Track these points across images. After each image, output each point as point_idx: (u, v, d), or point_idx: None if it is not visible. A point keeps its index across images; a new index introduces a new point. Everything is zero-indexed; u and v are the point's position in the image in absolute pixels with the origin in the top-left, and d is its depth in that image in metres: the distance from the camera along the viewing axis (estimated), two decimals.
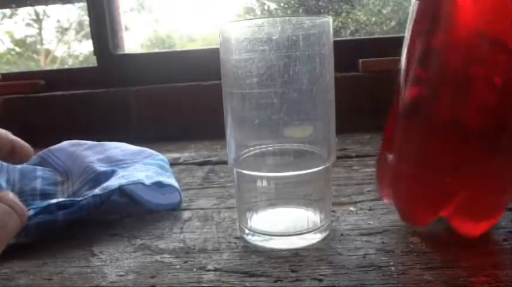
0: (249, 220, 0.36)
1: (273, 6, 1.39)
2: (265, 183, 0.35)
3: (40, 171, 0.49)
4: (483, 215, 0.32)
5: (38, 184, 0.47)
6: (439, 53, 0.31)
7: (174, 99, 0.81)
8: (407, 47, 0.34)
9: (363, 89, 0.76)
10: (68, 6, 1.26)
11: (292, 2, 1.27)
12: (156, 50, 1.08)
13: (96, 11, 0.87)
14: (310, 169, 0.34)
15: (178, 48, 1.12)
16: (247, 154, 0.35)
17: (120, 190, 0.43)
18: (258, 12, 1.41)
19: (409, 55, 0.34)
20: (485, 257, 0.31)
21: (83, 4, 0.89)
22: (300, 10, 1.24)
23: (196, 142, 0.74)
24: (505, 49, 0.30)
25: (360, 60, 0.79)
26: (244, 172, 0.35)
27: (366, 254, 0.33)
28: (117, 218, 0.43)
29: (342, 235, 0.36)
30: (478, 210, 0.32)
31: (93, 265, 0.34)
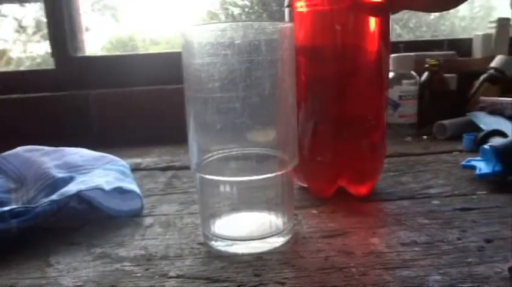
0: (212, 225, 0.36)
1: (236, 11, 1.40)
2: (228, 188, 0.35)
3: None
4: (366, 180, 0.45)
5: None
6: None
7: (136, 103, 0.80)
8: None
9: None
10: (26, 5, 1.21)
11: (256, 7, 1.28)
12: (118, 53, 1.06)
13: (54, 11, 0.84)
14: (272, 173, 0.34)
15: (139, 51, 1.10)
16: (210, 159, 0.34)
17: (79, 196, 0.41)
18: (222, 17, 1.41)
19: None
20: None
21: (42, 4, 0.85)
22: (264, 15, 1.25)
23: (158, 147, 0.73)
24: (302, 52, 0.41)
25: None
26: (207, 176, 0.35)
27: (327, 256, 0.33)
28: (76, 226, 0.41)
29: (304, 237, 0.37)
30: (361, 178, 0.45)
31: (49, 275, 0.33)
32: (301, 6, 0.41)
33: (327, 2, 0.40)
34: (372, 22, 0.41)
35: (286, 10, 0.44)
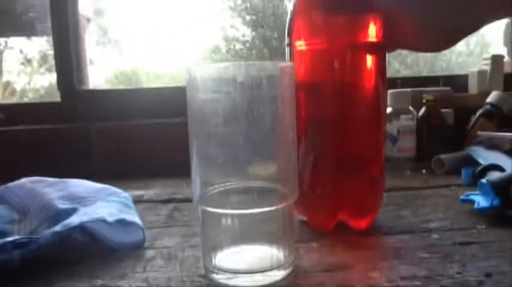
0: (213, 258, 0.36)
1: (238, 46, 1.43)
2: (229, 220, 0.35)
3: None
4: (366, 214, 0.46)
5: None
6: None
7: (139, 136, 0.81)
8: None
9: None
10: (33, 38, 1.24)
11: (257, 43, 1.32)
12: (122, 87, 1.08)
13: (62, 45, 0.87)
14: (273, 206, 0.35)
15: (143, 86, 1.13)
16: (212, 192, 0.35)
17: (82, 228, 0.42)
18: (224, 51, 1.45)
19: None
20: None
21: (48, 37, 0.88)
22: (265, 51, 1.29)
23: (160, 179, 0.74)
24: (302, 88, 0.42)
25: None
26: (209, 209, 0.35)
27: None
28: (77, 258, 0.42)
29: (305, 271, 0.37)
30: (361, 211, 0.46)
31: None
32: (300, 45, 0.43)
33: (325, 41, 0.42)
34: (369, 60, 0.42)
35: (287, 49, 0.45)
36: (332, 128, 0.43)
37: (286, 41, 0.45)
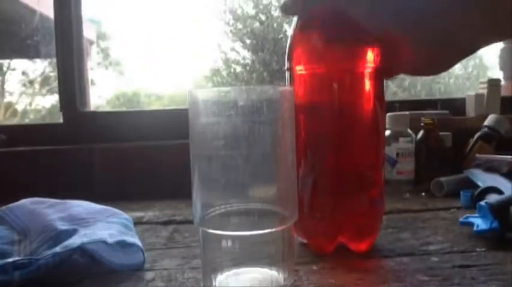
0: (213, 280, 0.36)
1: (238, 69, 1.45)
2: (230, 242, 0.35)
3: None
4: (366, 236, 0.46)
5: None
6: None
7: (140, 158, 0.81)
8: None
9: None
10: (37, 60, 1.26)
11: (257, 66, 1.34)
12: (123, 108, 1.09)
13: (66, 67, 0.88)
14: (273, 228, 0.35)
15: (144, 107, 1.14)
16: (213, 213, 0.35)
17: (82, 249, 0.42)
18: (225, 74, 1.47)
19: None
20: None
21: (50, 59, 0.90)
22: (265, 74, 1.31)
23: (160, 201, 0.74)
24: (301, 110, 0.43)
25: None
26: (210, 231, 0.35)
27: None
28: (77, 279, 0.41)
29: None
30: (361, 234, 0.46)
31: None
32: (300, 69, 0.44)
33: (324, 66, 0.43)
34: (367, 84, 0.44)
35: (287, 73, 0.46)
36: (331, 150, 0.44)
37: (286, 65, 0.46)
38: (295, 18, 0.45)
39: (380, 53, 0.42)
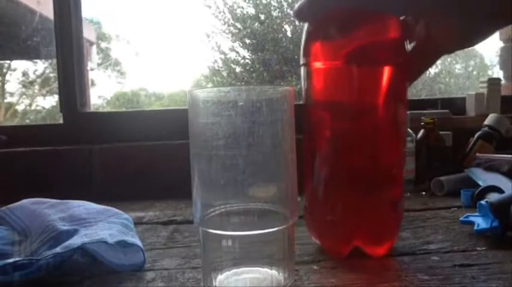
0: (213, 280, 0.36)
1: (238, 69, 1.45)
2: (230, 242, 0.35)
3: None
4: (383, 240, 0.45)
5: None
6: (309, 125, 0.44)
7: (140, 158, 0.81)
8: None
9: None
10: (37, 61, 1.27)
11: (257, 66, 1.34)
12: (124, 109, 1.10)
13: (66, 68, 0.88)
14: (273, 228, 0.35)
15: (145, 108, 1.14)
16: (213, 213, 0.35)
17: (83, 249, 0.42)
18: (225, 74, 1.47)
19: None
20: None
21: (51, 60, 0.90)
22: (265, 74, 1.31)
23: (161, 201, 0.74)
24: (324, 108, 0.43)
25: None
26: (210, 231, 0.35)
27: None
28: (78, 280, 0.42)
29: None
30: (379, 238, 0.44)
31: None
32: (319, 64, 0.42)
33: (343, 61, 0.40)
34: (389, 77, 0.41)
35: (302, 68, 0.44)
36: (348, 149, 0.42)
37: (302, 61, 0.43)
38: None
39: (414, 37, 0.40)
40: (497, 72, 1.10)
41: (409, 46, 0.41)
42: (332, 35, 0.41)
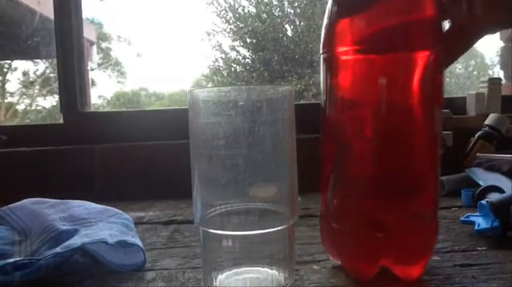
0: (214, 280, 0.36)
1: (239, 68, 1.45)
2: (230, 242, 0.35)
3: None
4: (415, 259, 0.38)
5: None
6: (332, 128, 0.39)
7: (140, 158, 0.81)
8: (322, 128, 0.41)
9: None
10: (38, 61, 1.27)
11: (258, 65, 1.34)
12: (124, 109, 1.10)
13: (66, 68, 0.88)
14: (274, 227, 0.35)
15: (145, 108, 1.14)
16: (213, 213, 0.35)
17: (83, 249, 0.42)
18: (225, 73, 1.47)
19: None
20: None
21: (51, 60, 0.90)
22: (265, 73, 1.31)
23: (161, 201, 0.74)
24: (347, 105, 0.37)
25: None
26: (210, 230, 0.35)
27: None
28: (77, 280, 0.42)
29: None
30: (410, 256, 0.37)
31: None
32: (345, 52, 0.36)
33: (380, 46, 0.34)
34: (427, 69, 0.35)
35: (322, 62, 0.38)
36: (374, 153, 0.36)
37: (322, 50, 0.38)
38: None
39: (451, 15, 0.36)
40: (498, 72, 1.10)
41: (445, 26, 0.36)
42: (364, 18, 0.35)
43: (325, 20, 0.37)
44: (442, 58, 0.36)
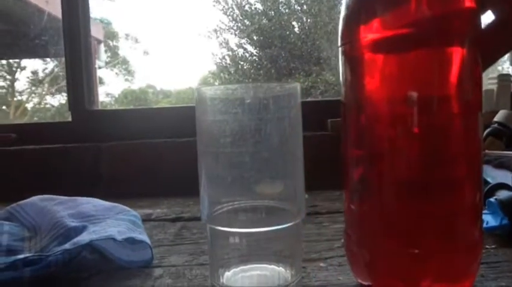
0: (221, 277, 0.36)
1: (246, 66, 1.45)
2: (237, 239, 0.35)
3: (7, 226, 0.48)
4: (461, 277, 0.33)
5: (4, 240, 0.46)
6: (365, 132, 0.34)
7: (148, 156, 0.82)
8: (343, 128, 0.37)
9: (332, 148, 0.79)
10: (47, 59, 1.28)
11: (265, 62, 1.33)
12: (132, 107, 1.10)
13: (74, 67, 0.89)
14: (281, 225, 0.35)
15: (153, 106, 1.14)
16: (220, 211, 0.36)
17: (91, 246, 0.42)
18: (232, 70, 1.47)
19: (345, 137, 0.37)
20: None
21: (59, 59, 0.91)
22: (272, 71, 1.30)
23: (168, 198, 0.74)
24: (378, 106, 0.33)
25: (329, 120, 0.83)
26: (217, 228, 0.36)
27: None
28: (85, 276, 0.42)
29: None
30: (455, 273, 0.32)
31: None
32: (373, 38, 0.31)
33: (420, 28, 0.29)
34: (469, 60, 0.32)
35: (341, 55, 0.34)
36: (410, 156, 0.31)
37: (341, 42, 0.34)
38: None
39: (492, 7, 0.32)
40: (507, 68, 1.09)
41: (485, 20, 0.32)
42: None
43: (344, 8, 0.33)
44: (479, 57, 0.32)
